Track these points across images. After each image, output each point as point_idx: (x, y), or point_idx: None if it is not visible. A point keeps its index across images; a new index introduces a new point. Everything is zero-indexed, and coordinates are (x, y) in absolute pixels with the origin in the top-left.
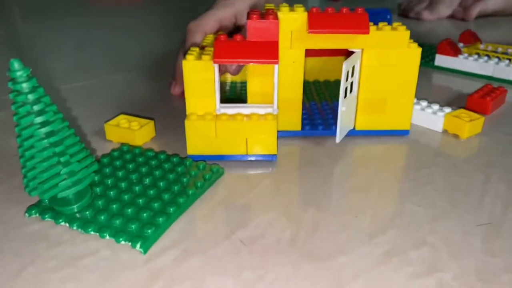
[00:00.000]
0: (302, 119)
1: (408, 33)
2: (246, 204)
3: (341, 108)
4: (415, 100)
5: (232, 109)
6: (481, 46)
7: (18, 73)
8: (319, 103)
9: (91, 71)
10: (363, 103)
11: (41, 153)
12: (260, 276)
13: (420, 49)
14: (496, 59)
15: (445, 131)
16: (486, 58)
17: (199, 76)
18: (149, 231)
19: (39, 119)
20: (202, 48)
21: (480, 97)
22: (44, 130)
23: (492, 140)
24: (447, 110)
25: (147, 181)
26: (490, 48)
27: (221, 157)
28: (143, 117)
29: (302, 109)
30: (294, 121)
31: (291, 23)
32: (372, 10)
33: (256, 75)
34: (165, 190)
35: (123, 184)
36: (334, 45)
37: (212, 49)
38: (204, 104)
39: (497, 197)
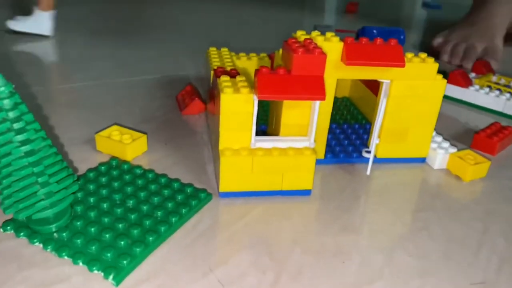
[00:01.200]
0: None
1: (436, 65)
2: (230, 237)
3: (376, 141)
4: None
5: (267, 142)
6: (494, 78)
7: (0, 89)
8: (332, 122)
9: (93, 70)
10: (387, 131)
11: (18, 172)
12: None
13: (445, 81)
14: (508, 94)
15: (448, 171)
16: (497, 92)
17: (238, 109)
18: (124, 262)
19: (19, 138)
20: (231, 75)
21: (487, 137)
22: (23, 148)
23: (496, 185)
24: (452, 149)
25: (130, 203)
26: (503, 81)
27: (254, 193)
28: (137, 130)
29: None
30: (319, 150)
31: (326, 53)
32: (386, 29)
33: (292, 107)
34: (147, 215)
35: (105, 205)
36: (366, 76)
37: (244, 78)
38: (239, 138)
39: (494, 252)
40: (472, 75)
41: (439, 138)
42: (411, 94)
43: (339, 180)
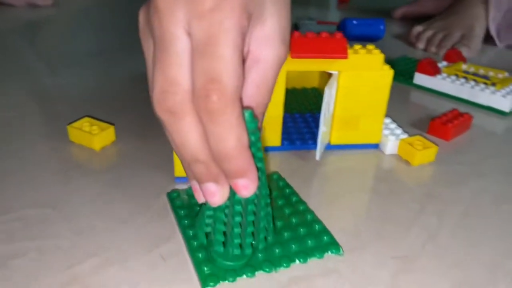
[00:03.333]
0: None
1: (382, 56)
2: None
3: (322, 129)
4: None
5: None
6: (464, 66)
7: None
8: (291, 113)
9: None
10: (338, 120)
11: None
12: None
13: (392, 71)
14: (473, 82)
15: (399, 156)
16: (463, 80)
17: None
18: None
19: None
20: None
21: (442, 123)
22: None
23: (442, 169)
24: (404, 136)
25: None
26: (472, 69)
27: None
28: (109, 122)
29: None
30: (274, 137)
31: None
32: (366, 21)
33: None
34: None
35: None
36: (313, 68)
37: None
38: None
39: (424, 229)
40: (444, 63)
41: (393, 125)
42: (359, 84)
43: (291, 164)
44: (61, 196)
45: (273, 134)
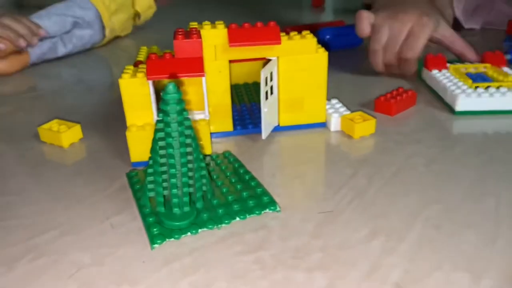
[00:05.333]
0: (234, 120)
1: (315, 40)
2: (130, 197)
3: (264, 110)
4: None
5: None
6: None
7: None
8: (249, 104)
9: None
10: (283, 102)
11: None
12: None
13: (326, 53)
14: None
15: (343, 132)
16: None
17: (136, 91)
18: None
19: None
20: (136, 65)
21: (386, 100)
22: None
23: (381, 140)
24: (346, 112)
25: None
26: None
27: None
28: (76, 121)
29: (234, 111)
30: (226, 123)
31: (214, 38)
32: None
33: (189, 86)
34: None
35: None
36: (253, 55)
37: (144, 66)
38: (142, 116)
39: (352, 189)
40: None
41: (338, 105)
42: (297, 67)
43: (243, 145)
44: (28, 186)
45: (225, 120)
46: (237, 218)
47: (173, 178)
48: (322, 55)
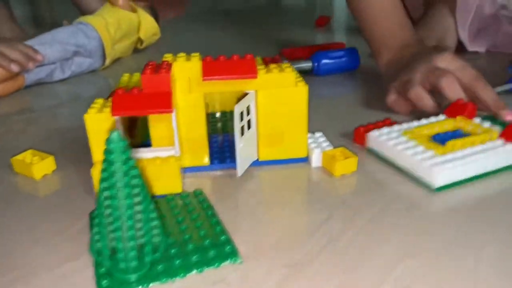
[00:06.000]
0: (213, 153)
1: (294, 73)
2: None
3: (239, 145)
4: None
5: (136, 154)
6: None
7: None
8: (232, 133)
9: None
10: (263, 137)
11: None
12: None
13: (307, 87)
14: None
15: (324, 168)
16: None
17: (102, 127)
18: None
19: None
20: (111, 95)
21: (365, 131)
22: None
23: (363, 178)
24: (328, 148)
25: None
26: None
27: None
28: (49, 152)
29: (214, 142)
30: (201, 157)
31: (187, 71)
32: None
33: (158, 121)
34: None
35: None
36: (230, 88)
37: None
38: None
39: (325, 235)
40: None
41: (322, 138)
42: (276, 101)
43: (216, 182)
44: None
45: (200, 154)
46: (194, 271)
47: (118, 231)
48: (302, 88)
